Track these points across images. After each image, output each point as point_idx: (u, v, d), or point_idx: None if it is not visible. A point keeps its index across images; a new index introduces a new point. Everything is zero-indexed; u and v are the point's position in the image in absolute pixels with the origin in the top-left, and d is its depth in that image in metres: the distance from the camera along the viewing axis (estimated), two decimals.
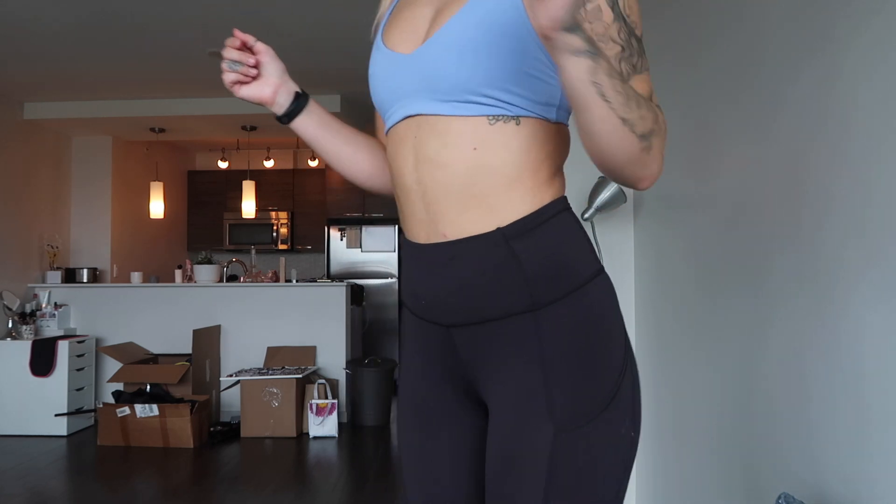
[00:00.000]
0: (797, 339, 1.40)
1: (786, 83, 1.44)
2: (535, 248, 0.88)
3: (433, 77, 0.88)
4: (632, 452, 0.91)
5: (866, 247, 1.17)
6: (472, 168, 0.87)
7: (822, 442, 1.31)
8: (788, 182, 1.44)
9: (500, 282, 0.88)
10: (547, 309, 0.87)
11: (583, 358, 0.88)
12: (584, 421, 0.86)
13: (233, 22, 3.75)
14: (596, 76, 0.72)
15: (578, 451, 0.86)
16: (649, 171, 0.82)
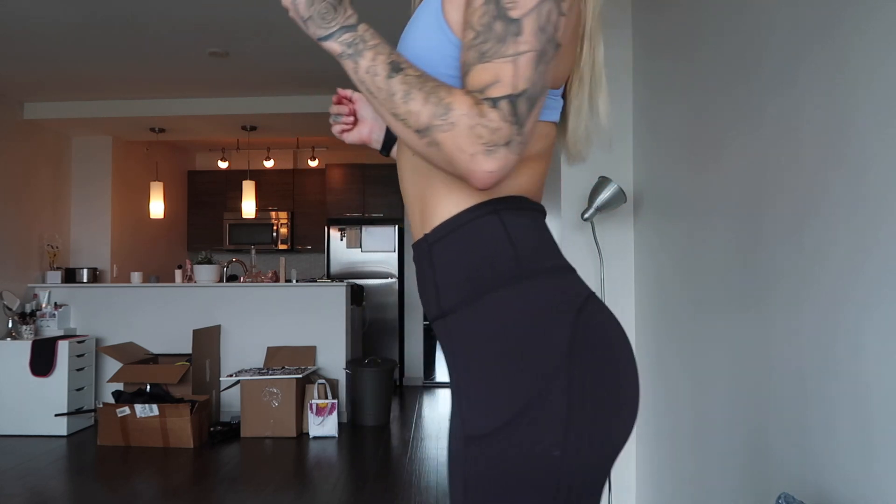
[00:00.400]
0: (797, 338, 1.40)
1: (786, 83, 1.44)
2: (444, 253, 0.87)
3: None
4: (556, 477, 0.81)
5: (867, 246, 1.17)
6: (414, 173, 0.91)
7: (823, 442, 1.31)
8: (789, 182, 1.44)
9: (424, 287, 0.91)
10: (453, 317, 0.87)
11: (486, 366, 0.84)
12: (487, 432, 0.82)
13: (233, 22, 3.76)
14: (356, 75, 0.80)
15: (485, 463, 0.82)
16: (464, 169, 0.77)
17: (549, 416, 0.80)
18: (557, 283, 0.87)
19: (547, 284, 0.86)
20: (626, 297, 2.50)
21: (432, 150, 0.78)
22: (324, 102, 5.27)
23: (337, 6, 0.80)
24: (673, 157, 2.14)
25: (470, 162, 0.76)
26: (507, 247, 0.86)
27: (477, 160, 0.76)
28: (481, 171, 0.76)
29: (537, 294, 0.85)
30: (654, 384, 2.32)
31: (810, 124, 1.35)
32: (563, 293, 0.86)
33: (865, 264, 1.18)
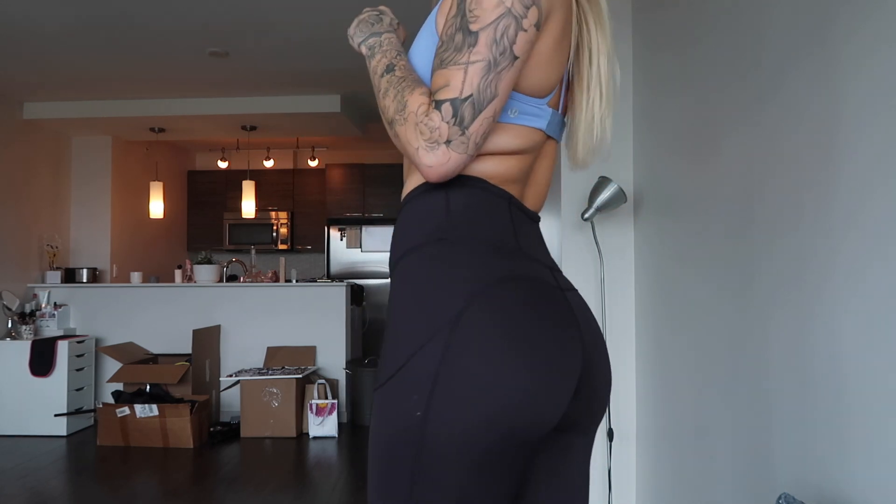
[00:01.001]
0: (798, 338, 1.40)
1: (786, 81, 1.44)
2: (400, 220, 0.98)
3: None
4: (418, 434, 0.82)
5: (869, 245, 1.17)
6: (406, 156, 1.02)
7: (823, 443, 1.31)
8: (789, 180, 1.44)
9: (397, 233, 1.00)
10: (392, 272, 0.96)
11: (394, 318, 0.91)
12: (383, 380, 0.88)
13: (233, 22, 3.76)
14: (370, 72, 0.98)
15: (377, 409, 0.88)
16: (413, 160, 0.87)
17: (418, 376, 0.83)
18: (482, 256, 0.89)
19: (464, 253, 0.89)
20: (626, 297, 2.50)
21: (396, 140, 0.90)
22: (324, 102, 5.27)
23: (374, 24, 1.02)
24: (673, 156, 2.14)
25: (415, 155, 0.86)
26: (440, 214, 0.92)
27: (420, 154, 0.86)
28: (423, 165, 0.86)
29: (455, 256, 0.89)
30: (654, 384, 2.31)
31: (810, 122, 1.35)
32: (482, 266, 0.88)
33: (866, 264, 1.17)
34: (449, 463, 0.83)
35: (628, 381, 2.49)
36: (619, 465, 2.48)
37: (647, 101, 2.36)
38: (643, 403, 2.42)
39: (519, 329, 0.85)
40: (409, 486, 0.84)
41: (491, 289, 0.86)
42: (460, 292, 0.85)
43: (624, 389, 2.48)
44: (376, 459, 0.87)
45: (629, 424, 2.49)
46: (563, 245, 2.52)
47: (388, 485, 0.85)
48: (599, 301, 2.47)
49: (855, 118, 1.21)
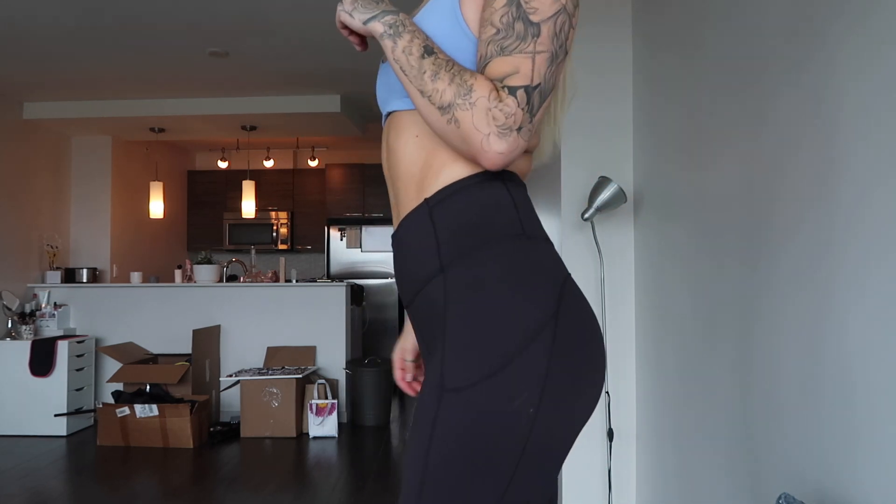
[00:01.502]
0: (798, 338, 1.40)
1: (787, 81, 1.44)
2: (447, 211, 0.91)
3: (393, 79, 0.97)
4: (526, 432, 0.83)
5: (868, 246, 1.17)
6: (413, 152, 0.95)
7: (823, 443, 1.31)
8: (790, 181, 1.44)
9: (422, 249, 0.92)
10: (452, 269, 0.89)
11: (474, 317, 0.86)
12: (467, 384, 0.84)
13: (233, 22, 3.76)
14: (393, 54, 0.89)
15: (459, 413, 0.84)
16: (477, 148, 0.84)
17: (530, 372, 0.83)
18: (552, 251, 0.94)
19: (544, 249, 0.92)
20: (626, 297, 2.50)
21: (451, 126, 0.85)
22: (324, 102, 5.27)
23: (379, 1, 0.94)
24: (673, 156, 2.14)
25: (484, 141, 0.83)
26: (511, 208, 0.92)
27: (490, 140, 0.83)
28: (493, 151, 0.84)
29: (536, 254, 0.90)
30: (653, 383, 2.31)
31: (811, 123, 1.35)
32: (555, 261, 0.92)
33: (867, 264, 1.17)
34: (549, 459, 0.86)
35: (628, 380, 2.49)
36: (619, 465, 2.48)
37: (647, 101, 2.36)
38: (643, 403, 2.42)
39: (594, 324, 0.92)
40: (504, 486, 0.84)
41: (567, 285, 0.90)
42: (552, 290, 0.88)
43: (624, 389, 2.48)
44: (456, 463, 0.83)
45: (629, 424, 2.49)
46: (563, 245, 2.52)
47: (473, 490, 0.83)
48: (599, 301, 2.47)
49: (855, 118, 1.21)
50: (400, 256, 0.98)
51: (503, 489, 0.84)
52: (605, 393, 2.46)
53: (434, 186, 0.93)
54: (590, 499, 2.49)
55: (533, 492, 0.86)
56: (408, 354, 1.23)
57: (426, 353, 0.97)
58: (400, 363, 1.24)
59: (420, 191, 0.94)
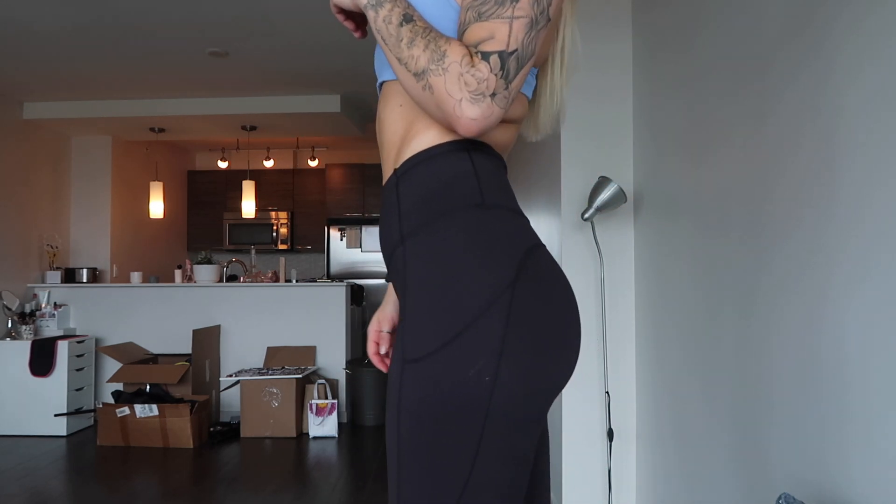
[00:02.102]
0: (798, 338, 1.40)
1: (787, 80, 1.44)
2: (410, 181, 0.91)
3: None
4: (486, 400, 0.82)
5: (867, 246, 1.17)
6: (396, 121, 0.95)
7: (823, 442, 1.31)
8: (790, 180, 1.44)
9: (388, 220, 0.93)
10: (410, 239, 0.89)
11: (429, 288, 0.86)
12: (424, 354, 0.84)
13: (233, 22, 3.76)
14: (375, 24, 0.88)
15: (419, 386, 0.84)
16: (451, 114, 0.83)
17: (485, 341, 0.82)
18: (516, 220, 0.91)
19: (505, 217, 0.90)
20: (626, 297, 2.50)
21: (426, 94, 0.84)
22: (324, 102, 5.28)
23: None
24: (673, 156, 2.14)
25: (456, 107, 0.82)
26: (471, 178, 0.90)
27: (462, 106, 0.82)
28: (465, 118, 0.82)
29: (495, 223, 0.88)
30: (653, 383, 2.31)
31: (811, 122, 1.35)
32: (518, 229, 0.90)
33: (867, 263, 1.17)
34: (514, 428, 0.84)
35: (628, 380, 2.49)
36: (619, 465, 2.48)
37: (647, 101, 2.36)
38: (643, 403, 2.42)
39: (563, 292, 0.90)
40: (472, 457, 0.82)
41: (533, 254, 0.88)
42: (509, 259, 0.86)
43: (624, 389, 2.48)
44: (423, 434, 0.83)
45: (629, 424, 2.49)
46: (562, 245, 2.52)
47: (442, 460, 0.83)
48: (599, 301, 2.47)
49: (855, 118, 1.21)
50: (382, 218, 0.97)
51: (472, 458, 0.82)
52: (606, 393, 2.46)
53: (403, 156, 0.93)
54: (590, 499, 2.48)
55: (506, 462, 0.84)
56: (385, 325, 1.15)
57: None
58: (375, 335, 1.15)
59: (394, 162, 0.95)
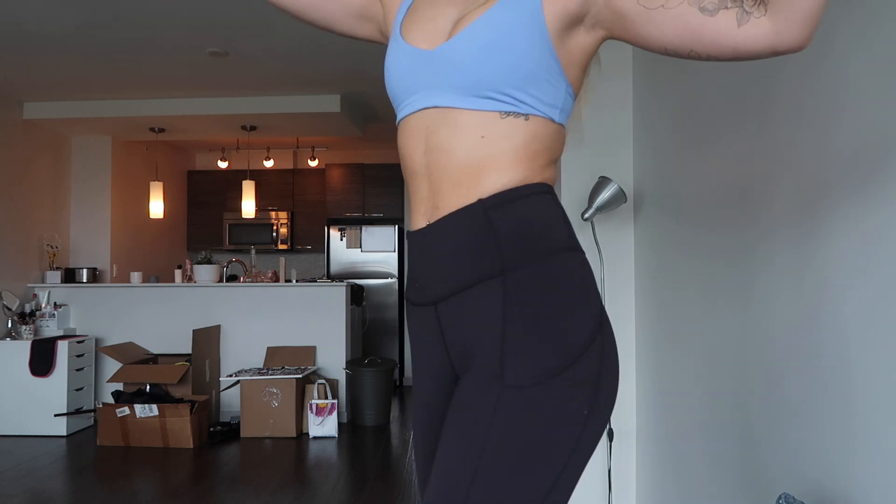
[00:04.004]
0: (798, 338, 1.40)
1: (787, 80, 1.44)
2: (510, 216, 0.94)
3: (455, 73, 0.95)
4: (579, 431, 0.90)
5: (868, 244, 1.17)
6: (474, 151, 0.95)
7: (823, 442, 1.31)
8: (788, 181, 1.44)
9: (476, 248, 0.94)
10: (515, 272, 0.93)
11: (539, 321, 0.91)
12: (530, 382, 0.89)
13: (233, 22, 3.76)
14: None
15: (519, 411, 0.88)
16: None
17: (586, 376, 0.91)
18: (588, 264, 1.01)
19: (587, 262, 0.99)
20: (626, 297, 2.50)
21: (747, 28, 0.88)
22: (324, 102, 5.27)
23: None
24: (673, 156, 2.14)
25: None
26: (562, 222, 0.99)
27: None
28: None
29: (583, 267, 0.98)
30: (653, 384, 2.31)
31: (809, 120, 1.35)
32: (591, 272, 0.99)
33: (874, 261, 1.17)
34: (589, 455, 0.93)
35: (628, 380, 2.49)
36: (619, 465, 2.48)
37: (648, 101, 2.36)
38: (643, 403, 2.42)
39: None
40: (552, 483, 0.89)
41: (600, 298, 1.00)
42: (598, 302, 0.97)
43: (624, 389, 2.48)
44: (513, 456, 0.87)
45: (629, 424, 2.49)
46: None
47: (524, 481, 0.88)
48: None
49: (853, 115, 1.21)
50: (437, 253, 0.97)
51: (551, 485, 0.88)
52: None
53: (490, 188, 0.94)
54: (590, 499, 2.48)
55: (570, 489, 0.91)
56: None
57: (461, 349, 0.97)
58: None
59: (471, 190, 0.95)
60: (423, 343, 1.04)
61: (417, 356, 1.07)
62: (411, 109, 1.00)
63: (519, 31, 0.93)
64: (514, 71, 0.93)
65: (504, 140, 0.95)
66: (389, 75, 1.04)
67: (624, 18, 0.93)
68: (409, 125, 1.01)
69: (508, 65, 0.93)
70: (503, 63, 0.93)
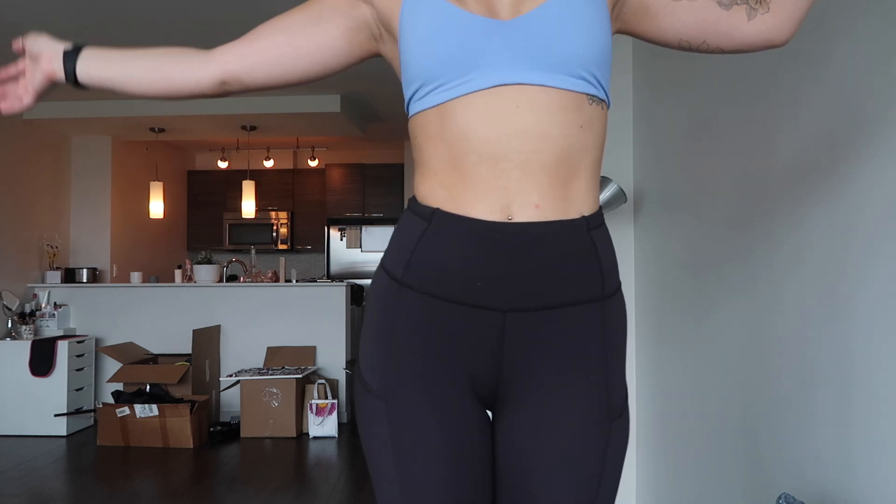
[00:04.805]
0: (798, 338, 1.40)
1: (786, 81, 1.44)
2: (604, 244, 0.95)
3: (544, 46, 0.86)
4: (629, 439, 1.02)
5: (868, 244, 1.17)
6: (573, 141, 0.88)
7: (823, 442, 1.31)
8: (788, 179, 1.43)
9: (582, 268, 0.91)
10: (610, 300, 0.95)
11: (620, 352, 0.97)
12: (624, 408, 0.97)
13: (232, 22, 3.76)
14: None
15: (620, 443, 0.96)
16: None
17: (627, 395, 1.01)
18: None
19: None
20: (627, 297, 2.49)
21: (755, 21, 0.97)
22: (324, 102, 5.27)
23: None
24: (673, 156, 2.14)
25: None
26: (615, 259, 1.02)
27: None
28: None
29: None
30: (653, 384, 2.31)
31: (808, 119, 1.35)
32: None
33: (868, 262, 1.17)
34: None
35: (628, 381, 2.48)
36: None
37: (647, 101, 2.36)
38: (643, 403, 2.42)
39: None
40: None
41: None
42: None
43: None
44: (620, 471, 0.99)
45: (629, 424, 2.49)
46: None
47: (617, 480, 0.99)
48: None
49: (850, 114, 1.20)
50: (534, 258, 0.88)
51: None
52: None
53: (588, 204, 0.92)
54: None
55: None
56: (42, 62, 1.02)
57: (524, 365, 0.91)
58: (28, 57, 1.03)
59: (569, 196, 0.89)
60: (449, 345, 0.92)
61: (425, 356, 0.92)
62: (481, 85, 0.87)
63: (600, 7, 0.90)
64: (601, 48, 0.88)
65: (592, 133, 0.90)
66: (437, 45, 0.88)
67: (647, 10, 0.95)
68: (480, 102, 0.87)
69: (598, 42, 0.87)
70: (594, 39, 0.87)
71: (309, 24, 0.99)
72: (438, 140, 0.90)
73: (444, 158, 0.90)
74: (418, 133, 0.94)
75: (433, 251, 0.91)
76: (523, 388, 0.93)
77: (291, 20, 1.00)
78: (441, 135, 0.90)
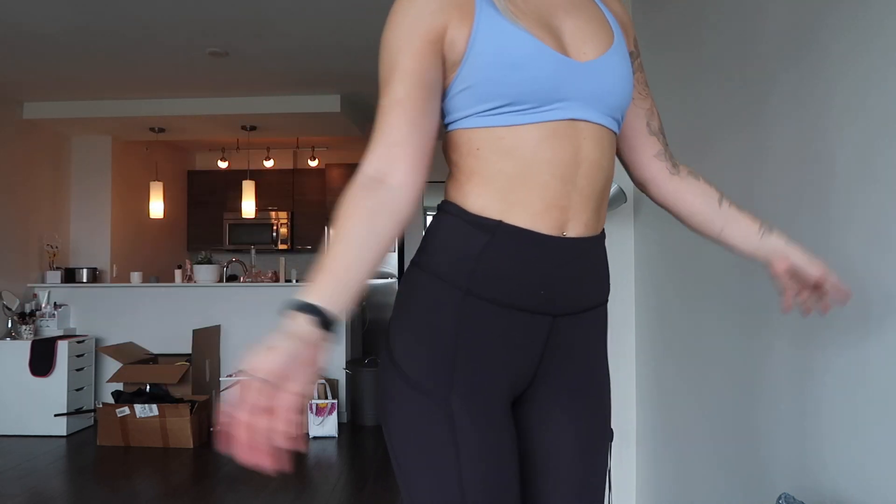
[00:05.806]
0: (798, 338, 1.40)
1: (785, 80, 1.44)
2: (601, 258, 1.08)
3: (605, 93, 1.00)
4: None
5: (868, 244, 1.17)
6: (610, 175, 1.05)
7: (823, 443, 1.31)
8: (786, 179, 1.44)
9: (600, 275, 1.07)
10: (603, 308, 1.10)
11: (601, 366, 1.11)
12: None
13: (233, 22, 3.76)
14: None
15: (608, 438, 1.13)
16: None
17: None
18: None
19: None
20: (626, 297, 2.50)
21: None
22: (324, 102, 5.27)
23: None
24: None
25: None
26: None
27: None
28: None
29: None
30: (653, 384, 2.32)
31: (811, 120, 1.35)
32: None
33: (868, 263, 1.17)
34: None
35: (628, 381, 2.49)
36: (619, 465, 2.48)
37: None
38: (643, 404, 2.42)
39: None
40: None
41: None
42: None
43: (624, 390, 2.48)
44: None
45: (629, 425, 2.49)
46: None
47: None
48: None
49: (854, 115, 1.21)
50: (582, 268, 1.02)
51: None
52: None
53: (601, 224, 1.06)
54: None
55: None
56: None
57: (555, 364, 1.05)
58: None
59: (600, 215, 1.05)
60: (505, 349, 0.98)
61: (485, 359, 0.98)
62: (560, 116, 0.96)
63: (629, 62, 1.05)
64: (629, 98, 1.05)
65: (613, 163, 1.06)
66: (531, 71, 0.94)
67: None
68: (554, 130, 0.96)
69: (630, 93, 1.04)
70: (630, 91, 1.04)
71: (430, 101, 0.99)
72: (508, 156, 0.96)
73: (513, 174, 0.96)
74: (484, 146, 0.97)
75: (501, 262, 0.97)
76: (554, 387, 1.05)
77: (416, 105, 0.98)
78: (514, 152, 0.96)
